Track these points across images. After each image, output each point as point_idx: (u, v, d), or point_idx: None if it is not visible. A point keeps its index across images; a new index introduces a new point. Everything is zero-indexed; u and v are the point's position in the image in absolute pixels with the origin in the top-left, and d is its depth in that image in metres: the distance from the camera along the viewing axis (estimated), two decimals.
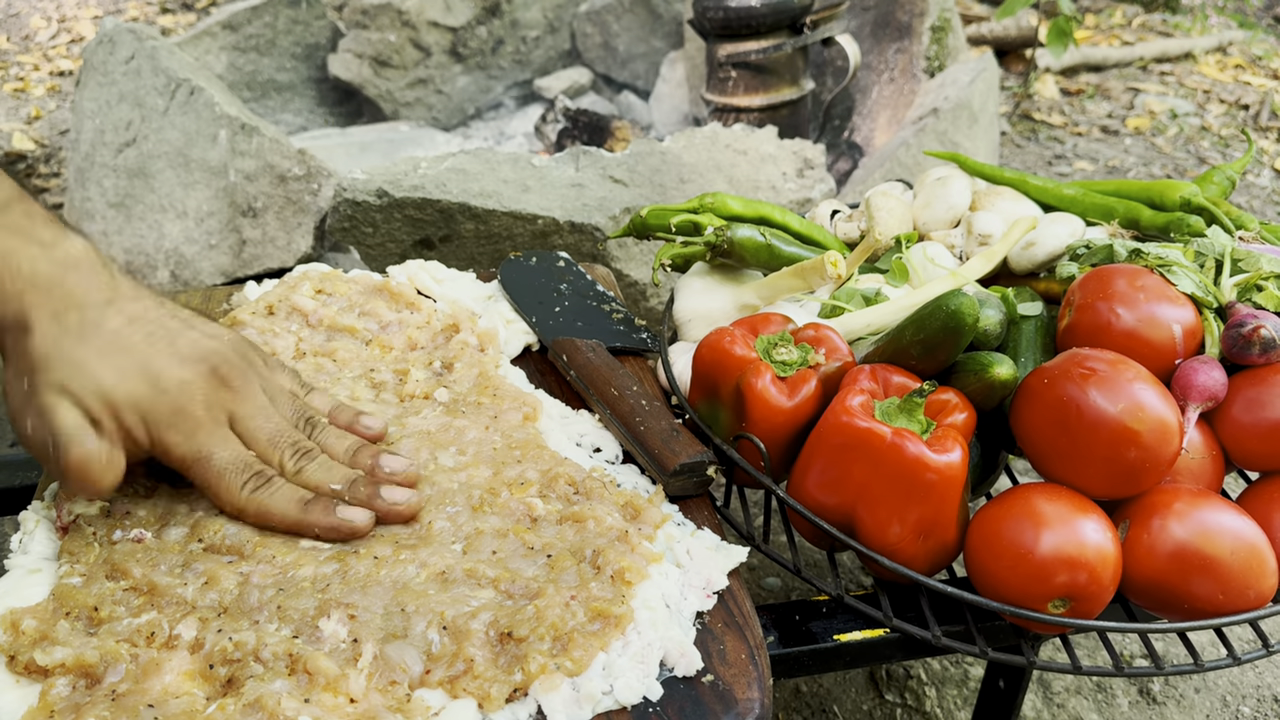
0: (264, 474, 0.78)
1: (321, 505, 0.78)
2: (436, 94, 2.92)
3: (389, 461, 0.83)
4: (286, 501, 0.77)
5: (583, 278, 1.18)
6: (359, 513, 0.78)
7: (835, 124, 2.66)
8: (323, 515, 0.77)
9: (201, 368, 0.78)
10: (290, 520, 0.77)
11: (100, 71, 2.17)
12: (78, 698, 0.63)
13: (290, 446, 0.81)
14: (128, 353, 0.76)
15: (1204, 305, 0.90)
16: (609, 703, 0.66)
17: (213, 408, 0.78)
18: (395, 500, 0.80)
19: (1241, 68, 4.09)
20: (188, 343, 0.79)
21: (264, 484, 0.78)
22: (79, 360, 0.74)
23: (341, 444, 0.84)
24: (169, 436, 0.76)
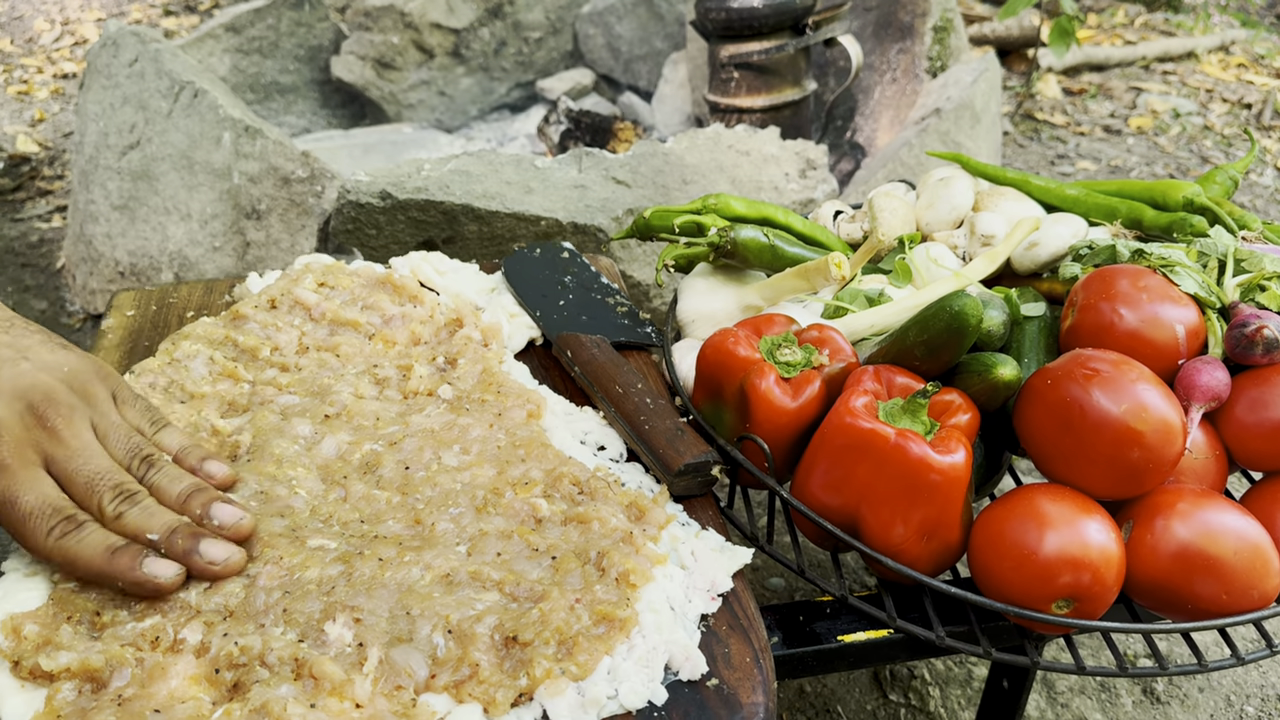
0: (75, 519, 0.73)
1: (129, 555, 0.72)
2: (439, 96, 2.93)
3: (219, 511, 0.76)
4: (93, 549, 0.72)
5: (587, 269, 1.18)
6: (167, 567, 0.72)
7: (838, 124, 2.66)
8: (128, 567, 0.71)
9: (17, 405, 0.74)
10: (95, 569, 0.71)
11: (104, 74, 2.18)
12: (83, 702, 0.63)
13: (112, 489, 0.75)
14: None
15: (1207, 305, 0.90)
16: (614, 707, 0.66)
17: (23, 448, 0.74)
18: (212, 559, 0.73)
19: (1244, 67, 4.09)
20: (9, 376, 0.75)
21: (73, 529, 0.72)
22: None
23: (175, 487, 0.78)
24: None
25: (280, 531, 0.76)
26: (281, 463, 0.83)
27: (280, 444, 0.85)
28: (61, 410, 0.76)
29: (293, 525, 0.78)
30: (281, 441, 0.86)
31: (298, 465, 0.83)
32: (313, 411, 0.89)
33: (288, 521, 0.78)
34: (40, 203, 2.78)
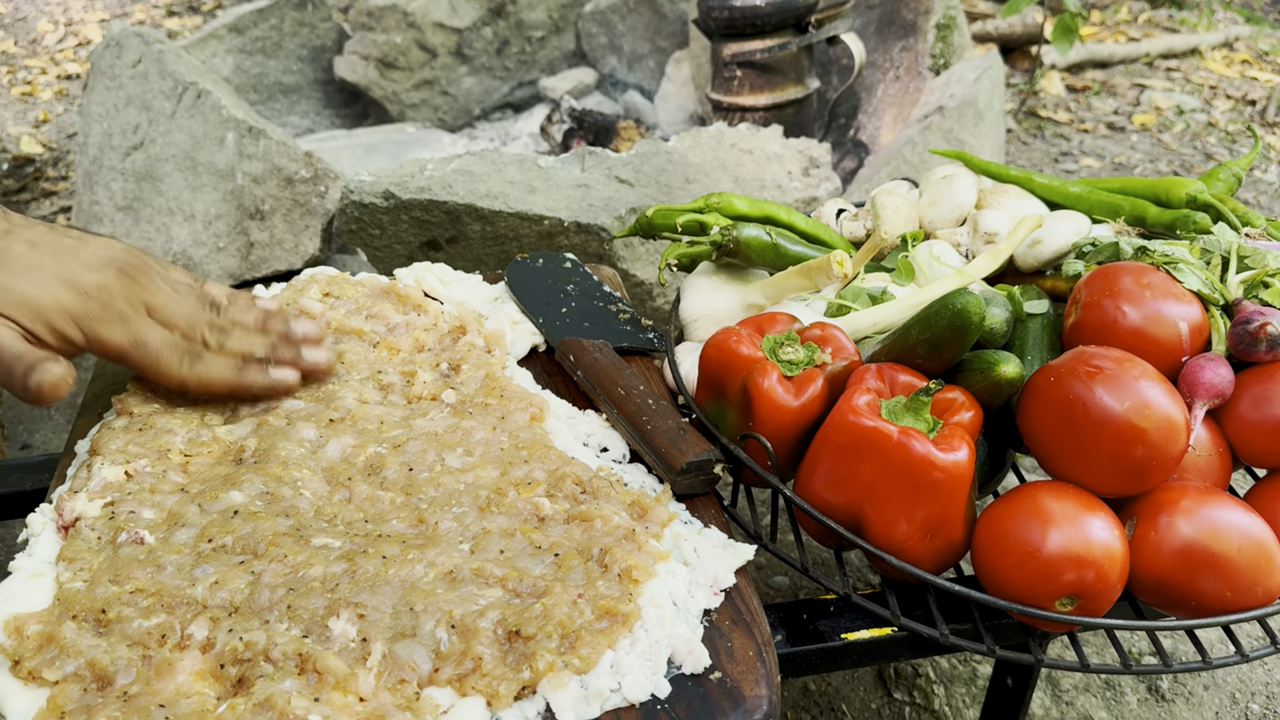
0: (194, 350, 0.87)
1: (255, 368, 0.88)
2: (442, 95, 2.93)
3: (299, 326, 0.94)
4: (222, 369, 0.87)
5: (589, 278, 1.18)
6: (288, 372, 0.89)
7: (840, 122, 2.66)
8: (259, 376, 0.88)
9: (110, 270, 0.85)
10: (230, 384, 0.87)
11: (107, 75, 2.18)
12: (89, 699, 0.63)
13: (207, 325, 0.89)
14: (41, 269, 0.83)
15: (1210, 302, 0.89)
16: (617, 700, 0.66)
17: (132, 301, 0.86)
18: (316, 359, 0.92)
19: (1248, 63, 4.08)
20: (89, 253, 0.86)
21: (198, 358, 0.87)
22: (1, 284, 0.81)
23: (250, 316, 0.93)
24: (102, 331, 0.84)
25: (285, 531, 0.77)
26: (287, 465, 0.84)
27: (285, 447, 0.86)
28: (144, 271, 0.88)
29: (297, 525, 0.78)
30: (287, 445, 0.86)
31: (303, 467, 0.84)
32: (317, 416, 0.90)
33: (293, 521, 0.78)
34: (44, 204, 2.79)
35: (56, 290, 0.83)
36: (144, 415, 0.89)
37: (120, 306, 0.85)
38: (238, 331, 0.91)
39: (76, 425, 0.93)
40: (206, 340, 0.89)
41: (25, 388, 0.79)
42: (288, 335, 0.93)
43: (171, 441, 0.86)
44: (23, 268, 0.83)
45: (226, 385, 0.88)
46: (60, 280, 0.83)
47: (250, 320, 0.93)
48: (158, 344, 0.86)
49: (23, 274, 0.82)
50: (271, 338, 0.92)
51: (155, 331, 0.87)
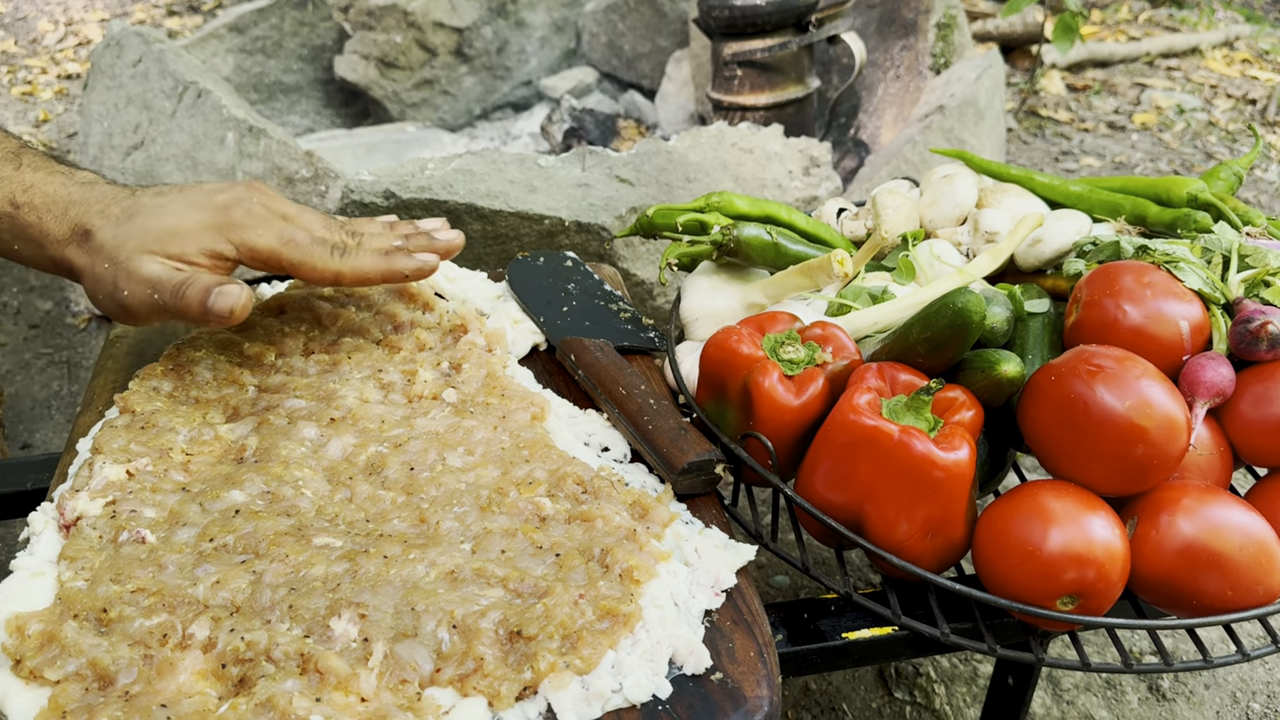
0: (340, 244, 0.92)
1: (400, 254, 0.93)
2: (443, 95, 2.93)
3: (425, 222, 1.01)
4: (371, 258, 0.92)
5: (590, 277, 1.18)
6: (428, 255, 0.95)
7: (841, 122, 2.66)
8: (405, 261, 0.93)
9: (240, 188, 0.91)
10: (380, 270, 0.92)
11: (108, 75, 2.18)
12: (90, 699, 0.63)
13: (341, 228, 0.94)
14: (173, 205, 0.88)
15: (1211, 301, 0.89)
16: (618, 700, 0.66)
17: (270, 208, 0.91)
18: (449, 238, 0.98)
19: (1249, 62, 4.08)
20: (213, 185, 0.92)
21: (345, 251, 0.91)
22: (142, 227, 0.86)
23: (374, 226, 0.98)
24: (250, 236, 0.88)
25: (286, 530, 0.77)
26: (288, 464, 0.84)
27: (286, 446, 0.86)
28: (269, 190, 0.94)
29: (299, 524, 0.78)
30: (288, 444, 0.86)
31: (304, 467, 0.84)
32: (318, 415, 0.90)
33: (294, 521, 0.78)
34: None
35: (198, 214, 0.87)
36: (146, 414, 0.89)
37: (260, 212, 0.89)
38: (368, 234, 0.95)
39: (78, 423, 0.93)
40: (345, 241, 0.93)
41: (207, 311, 0.83)
42: (415, 230, 0.99)
43: (173, 440, 0.86)
44: (157, 210, 0.87)
45: (378, 271, 0.92)
46: (194, 205, 0.88)
47: (375, 227, 0.98)
48: (306, 240, 0.90)
49: (158, 213, 0.87)
50: (400, 233, 0.97)
51: (300, 230, 0.90)
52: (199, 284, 0.84)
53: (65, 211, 0.87)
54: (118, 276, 0.84)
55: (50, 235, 0.87)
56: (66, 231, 0.86)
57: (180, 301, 0.83)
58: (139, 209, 0.87)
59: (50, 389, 2.12)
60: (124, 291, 0.84)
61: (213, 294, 0.83)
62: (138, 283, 0.84)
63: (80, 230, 0.86)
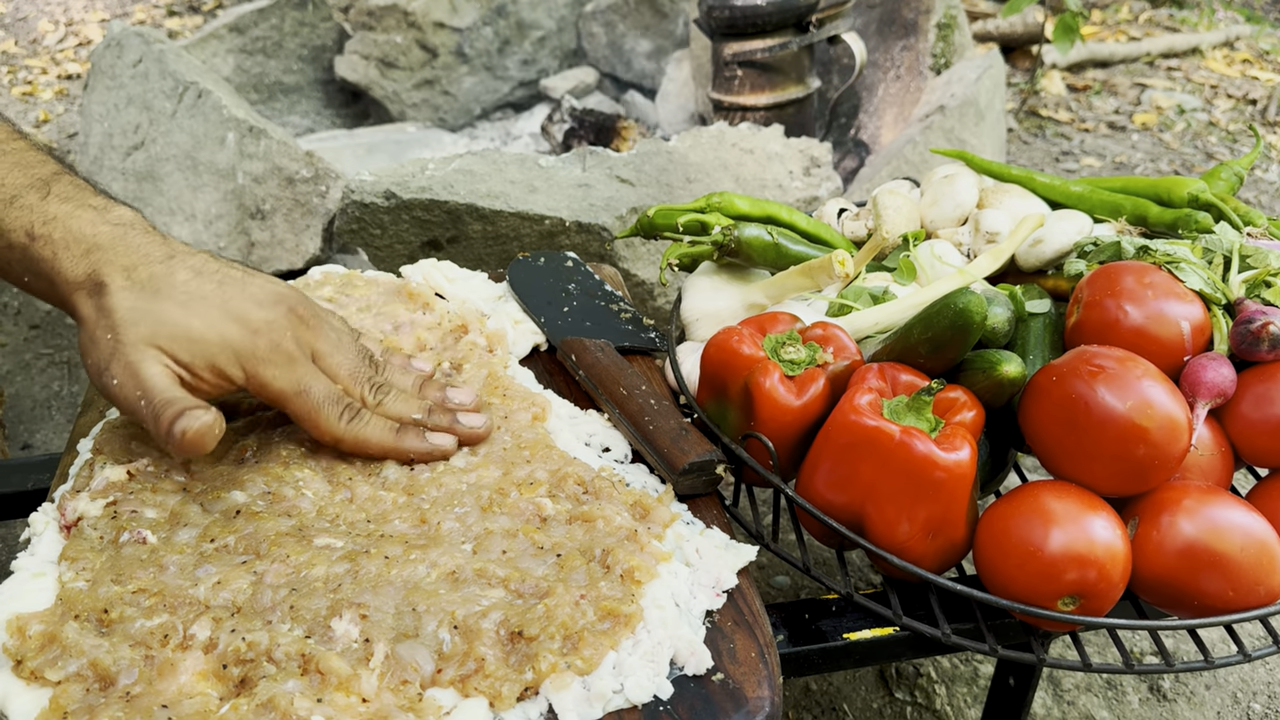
0: (353, 406, 0.84)
1: (413, 433, 0.85)
2: (443, 95, 2.93)
3: (456, 394, 0.91)
4: (380, 431, 0.84)
5: (591, 277, 1.18)
6: (446, 438, 0.86)
7: (842, 122, 2.66)
8: (416, 442, 0.85)
9: (281, 308, 0.82)
10: (386, 447, 0.84)
11: (108, 75, 2.18)
12: (91, 699, 0.63)
13: (367, 381, 0.87)
14: (206, 300, 0.79)
15: (1212, 302, 0.89)
16: (620, 701, 0.66)
17: (301, 344, 0.83)
18: (474, 425, 0.88)
19: (1249, 62, 4.08)
20: (257, 287, 0.83)
21: (355, 416, 0.84)
22: (160, 314, 0.77)
23: (407, 379, 0.91)
24: (266, 372, 0.80)
25: (287, 531, 0.77)
26: (288, 464, 0.84)
27: (287, 446, 0.86)
28: (314, 315, 0.85)
29: (299, 525, 0.78)
30: (288, 444, 0.86)
31: (304, 467, 0.84)
32: None
33: (295, 521, 0.78)
34: None
35: (223, 325, 0.79)
36: None
37: (289, 348, 0.81)
38: (394, 392, 0.87)
39: (78, 424, 0.93)
40: (365, 398, 0.86)
41: (169, 434, 0.74)
42: (444, 402, 0.90)
43: None
44: (186, 298, 0.79)
45: (382, 448, 0.84)
46: (227, 314, 0.79)
47: (407, 383, 0.90)
48: (320, 395, 0.82)
49: (187, 305, 0.78)
50: (428, 402, 0.89)
51: (319, 380, 0.83)
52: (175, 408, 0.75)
53: (86, 254, 0.79)
54: (114, 359, 0.76)
55: (62, 275, 0.78)
56: (81, 276, 0.78)
57: (156, 424, 0.75)
58: (168, 288, 0.79)
59: (51, 389, 2.12)
60: (114, 379, 0.76)
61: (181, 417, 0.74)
62: (131, 377, 0.76)
63: (96, 281, 0.78)
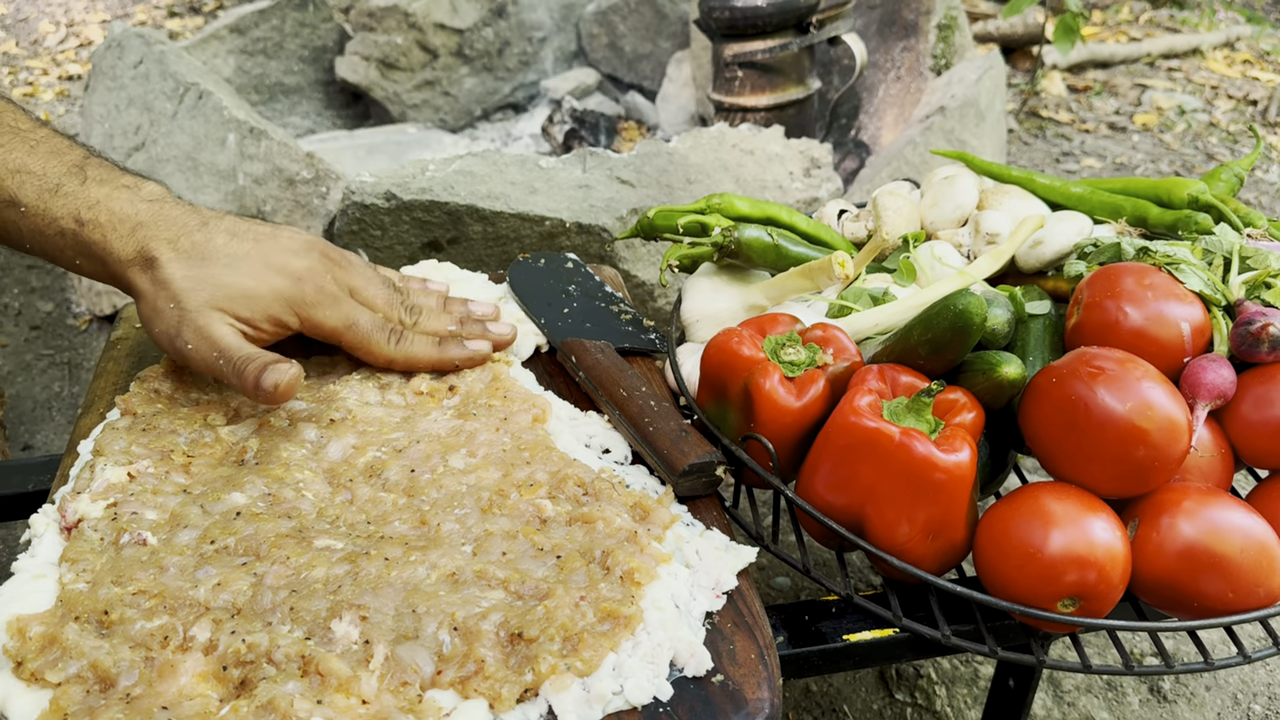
0: (396, 330, 0.94)
1: (453, 343, 0.96)
2: (444, 96, 2.93)
3: (476, 308, 1.02)
4: (425, 347, 0.95)
5: (591, 279, 1.18)
6: (482, 343, 0.97)
7: (842, 123, 2.66)
8: (458, 350, 0.96)
9: (314, 254, 0.91)
10: (433, 360, 0.95)
11: (109, 76, 2.18)
12: (91, 701, 0.63)
13: (400, 306, 0.96)
14: (248, 259, 0.88)
15: (1212, 303, 0.89)
16: (619, 703, 0.66)
17: (339, 284, 0.92)
18: (502, 332, 1.00)
19: (1250, 63, 4.08)
20: (287, 239, 0.91)
21: (400, 337, 0.94)
22: (213, 278, 0.86)
23: (430, 299, 1.00)
24: (317, 314, 0.90)
25: (287, 533, 0.77)
26: (289, 466, 0.84)
27: (287, 448, 0.86)
28: (341, 254, 0.95)
29: (300, 526, 0.78)
30: (288, 446, 0.86)
31: (304, 469, 0.84)
32: (318, 417, 0.90)
33: (295, 523, 0.78)
34: None
35: (270, 278, 0.87)
36: (147, 416, 0.89)
37: (332, 289, 0.90)
38: (426, 311, 0.97)
39: (79, 425, 0.93)
40: (403, 320, 0.95)
41: (259, 389, 0.83)
42: (469, 314, 1.00)
43: (174, 442, 0.86)
44: (230, 259, 0.87)
45: (430, 361, 0.95)
46: (270, 268, 0.88)
47: (432, 303, 1.00)
48: (367, 325, 0.92)
49: (233, 265, 0.87)
50: (456, 315, 0.99)
51: (363, 312, 0.93)
52: (259, 363, 0.84)
53: (132, 233, 0.86)
54: (184, 325, 0.85)
55: (114, 254, 0.86)
56: (132, 253, 0.86)
57: (241, 379, 0.84)
58: (212, 253, 0.87)
59: (51, 390, 2.13)
60: (188, 344, 0.85)
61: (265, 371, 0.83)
62: (204, 340, 0.85)
63: (146, 256, 0.86)
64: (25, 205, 0.85)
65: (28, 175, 0.86)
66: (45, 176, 0.86)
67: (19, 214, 0.85)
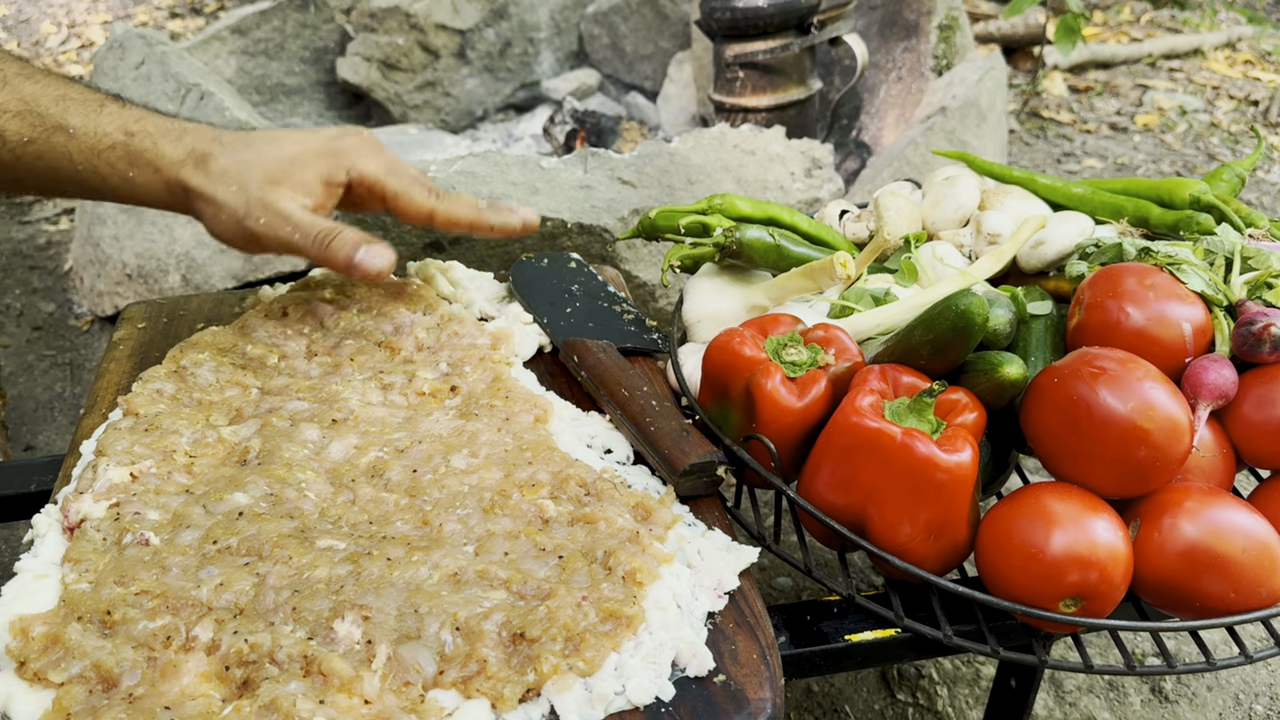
0: (435, 190, 0.98)
1: (494, 208, 1.00)
2: (445, 96, 2.93)
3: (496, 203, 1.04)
4: (465, 206, 0.99)
5: (594, 278, 1.18)
6: (518, 215, 1.02)
7: (843, 123, 2.66)
8: (495, 215, 1.00)
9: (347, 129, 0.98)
10: (471, 219, 0.99)
11: (111, 77, 2.19)
12: (94, 701, 0.64)
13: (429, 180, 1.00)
14: (288, 138, 0.95)
15: (1214, 303, 0.89)
16: (621, 703, 0.66)
17: (375, 144, 0.98)
18: (527, 215, 1.03)
19: (1251, 63, 4.08)
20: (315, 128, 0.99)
21: (441, 195, 0.98)
22: (261, 157, 0.92)
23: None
24: (362, 161, 0.95)
25: (289, 533, 0.77)
26: (291, 466, 0.84)
27: (289, 448, 0.86)
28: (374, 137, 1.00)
29: (302, 527, 0.78)
30: (290, 446, 0.86)
31: (306, 469, 0.84)
32: (320, 417, 0.90)
33: (297, 523, 0.78)
34: (48, 205, 2.79)
35: (313, 144, 0.94)
36: (149, 416, 0.89)
37: (370, 144, 0.97)
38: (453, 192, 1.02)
39: (81, 426, 0.93)
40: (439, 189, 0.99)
41: (354, 266, 0.91)
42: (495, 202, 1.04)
43: (177, 443, 0.86)
44: (273, 140, 0.94)
45: (469, 219, 0.99)
46: (309, 140, 0.95)
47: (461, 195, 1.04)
48: (411, 173, 0.97)
49: (278, 144, 0.93)
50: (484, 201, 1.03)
51: (405, 166, 0.97)
52: (347, 240, 0.90)
53: (180, 137, 0.92)
54: (250, 204, 0.90)
55: (166, 158, 0.91)
56: (183, 154, 0.91)
57: (324, 252, 0.90)
58: (255, 139, 0.93)
59: (53, 391, 2.13)
60: (259, 220, 0.90)
61: (361, 250, 0.90)
62: (275, 215, 0.90)
63: (198, 154, 0.91)
64: (74, 127, 0.89)
65: (71, 101, 0.91)
66: (87, 101, 0.92)
67: (68, 137, 0.89)
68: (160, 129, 0.92)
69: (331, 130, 0.97)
